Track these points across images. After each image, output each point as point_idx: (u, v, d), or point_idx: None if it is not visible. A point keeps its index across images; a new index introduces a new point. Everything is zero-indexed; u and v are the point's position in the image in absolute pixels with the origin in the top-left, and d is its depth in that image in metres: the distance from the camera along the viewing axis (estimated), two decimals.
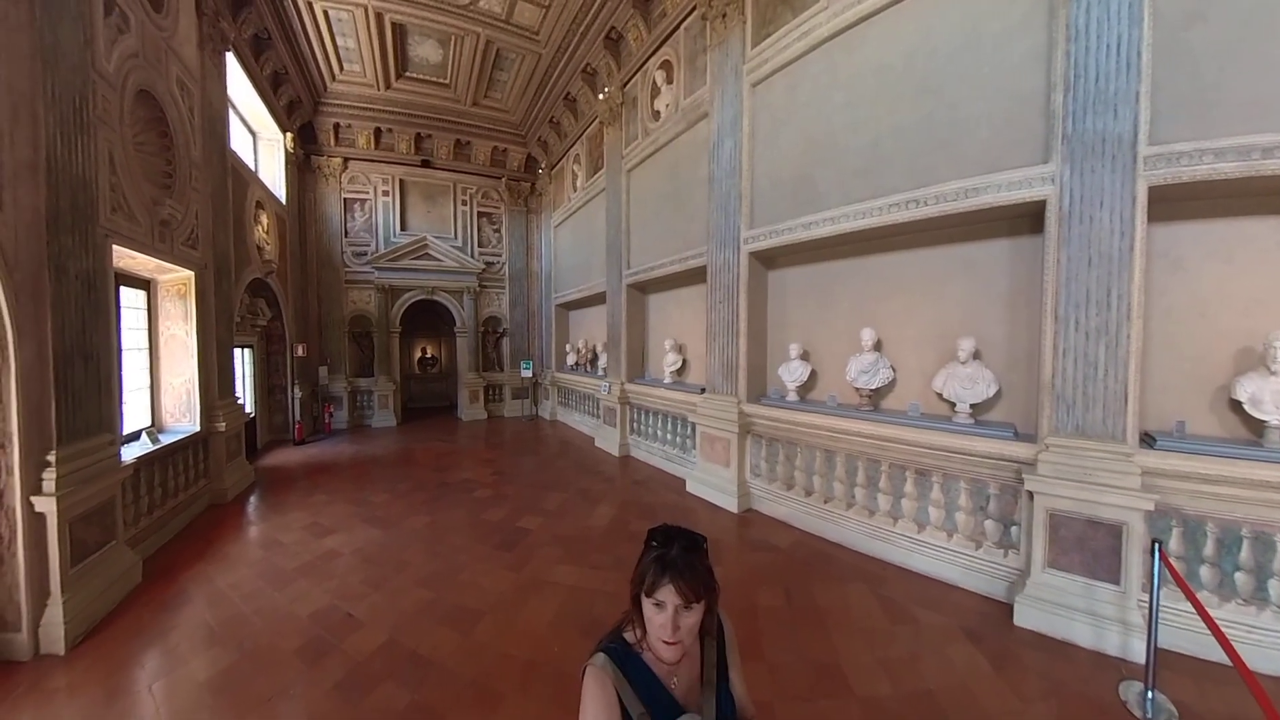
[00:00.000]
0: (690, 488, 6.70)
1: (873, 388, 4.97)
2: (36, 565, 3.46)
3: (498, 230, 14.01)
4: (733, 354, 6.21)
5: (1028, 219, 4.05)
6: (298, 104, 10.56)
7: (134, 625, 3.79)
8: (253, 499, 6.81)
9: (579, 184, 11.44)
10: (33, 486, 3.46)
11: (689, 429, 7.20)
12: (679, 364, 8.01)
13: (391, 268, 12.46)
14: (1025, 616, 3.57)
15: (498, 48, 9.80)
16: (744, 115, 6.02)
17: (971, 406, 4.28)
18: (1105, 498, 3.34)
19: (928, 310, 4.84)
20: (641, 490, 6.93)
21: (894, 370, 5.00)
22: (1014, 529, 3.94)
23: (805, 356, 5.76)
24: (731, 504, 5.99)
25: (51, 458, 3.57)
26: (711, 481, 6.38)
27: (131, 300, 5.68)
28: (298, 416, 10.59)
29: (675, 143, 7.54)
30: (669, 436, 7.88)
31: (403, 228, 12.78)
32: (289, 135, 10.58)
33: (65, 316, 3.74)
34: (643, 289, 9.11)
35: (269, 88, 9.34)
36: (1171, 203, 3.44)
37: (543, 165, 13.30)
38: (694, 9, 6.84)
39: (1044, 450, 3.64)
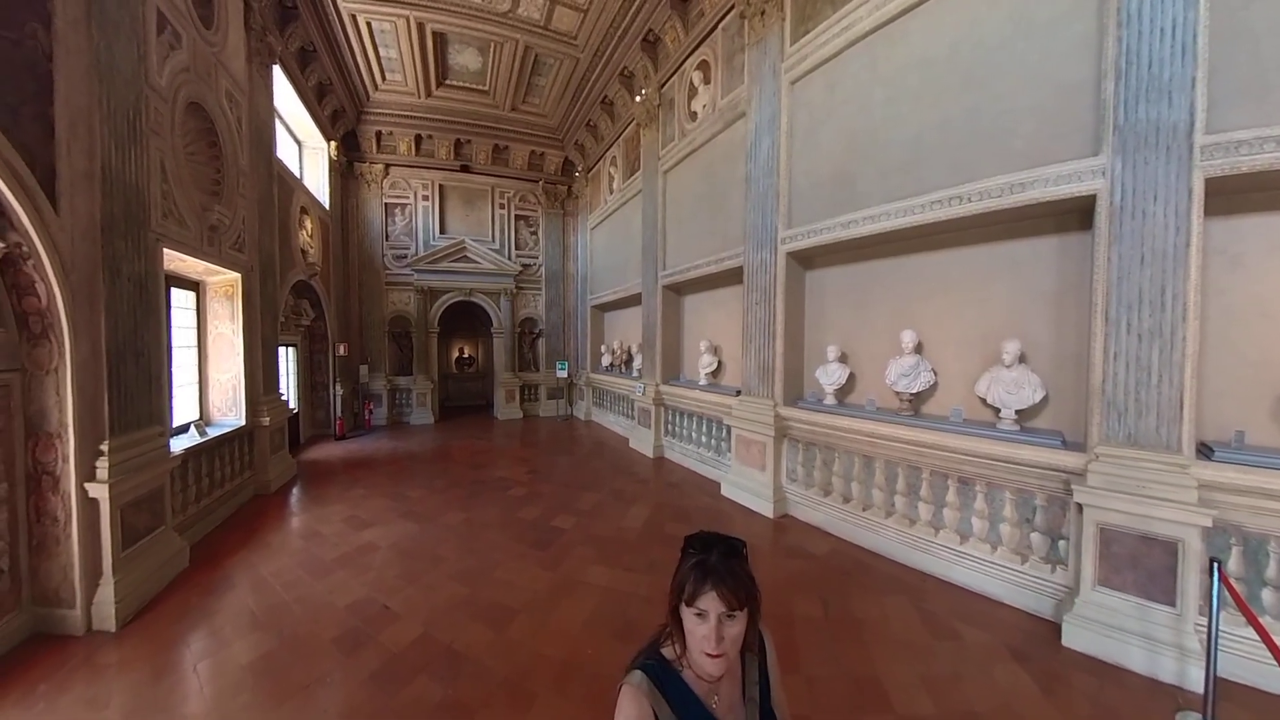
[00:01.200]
0: (725, 491, 6.64)
1: (913, 392, 4.82)
2: (90, 547, 3.70)
3: (534, 233, 14.24)
4: (769, 356, 6.12)
5: (1076, 215, 3.86)
6: (341, 113, 10.98)
7: (181, 607, 4.00)
8: (295, 491, 7.11)
9: (615, 186, 11.53)
10: (87, 474, 3.70)
11: (724, 432, 7.15)
12: (714, 366, 7.95)
13: (430, 270, 12.82)
14: (1074, 637, 3.37)
15: (536, 53, 9.97)
16: (782, 113, 5.95)
17: (1017, 412, 4.08)
18: (1159, 512, 3.12)
19: (971, 311, 4.65)
20: (675, 492, 6.89)
21: (935, 374, 4.82)
22: (1062, 543, 3.73)
23: (843, 359, 5.64)
24: (767, 509, 5.90)
25: (104, 447, 3.80)
26: (747, 485, 6.30)
27: (181, 301, 6.02)
28: (339, 413, 11.00)
29: (712, 143, 7.52)
30: (704, 439, 7.83)
31: (442, 231, 13.14)
32: (333, 144, 11.02)
33: (118, 316, 3.99)
34: (678, 290, 9.09)
35: (314, 98, 9.75)
36: (1230, 195, 3.20)
37: (579, 168, 13.46)
38: (732, 8, 6.81)
39: (1094, 460, 3.43)
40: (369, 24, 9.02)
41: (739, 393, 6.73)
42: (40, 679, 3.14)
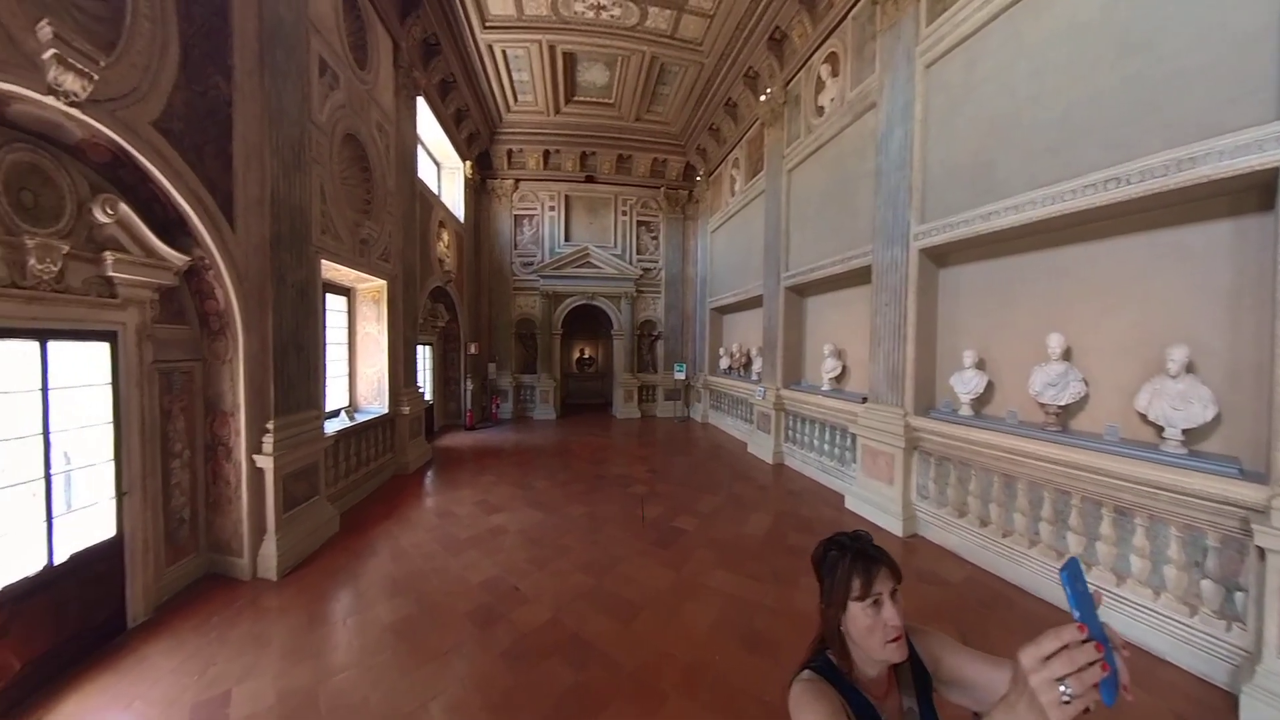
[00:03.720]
0: (849, 504, 6.28)
1: (1061, 404, 4.20)
2: (256, 508, 4.45)
3: (655, 237, 14.56)
4: (899, 361, 5.73)
5: (1256, 192, 3.19)
6: (476, 135, 12.10)
7: (331, 566, 4.64)
8: (430, 473, 7.93)
9: (737, 188, 11.48)
10: (255, 447, 4.46)
11: (848, 440, 6.80)
12: (838, 370, 7.59)
13: (555, 275, 13.65)
14: (1255, 713, 2.70)
15: (662, 63, 10.21)
16: (916, 100, 5.57)
17: (1183, 432, 3.39)
18: None
19: (1128, 311, 3.98)
20: (797, 502, 6.64)
21: (1086, 384, 4.16)
22: (1239, 595, 3.02)
23: (980, 365, 5.10)
24: (895, 526, 5.50)
25: (270, 426, 4.55)
26: (873, 500, 5.92)
27: (335, 304, 7.04)
28: (469, 405, 12.12)
29: (839, 138, 7.23)
30: (826, 447, 7.49)
31: (566, 239, 13.94)
32: (468, 163, 12.17)
33: (282, 316, 4.75)
34: (801, 292, 8.82)
35: (452, 124, 10.85)
36: None
37: (700, 172, 13.53)
38: None
39: (1279, 496, 2.75)
40: (504, 51, 9.84)
41: (865, 400, 6.39)
42: (213, 612, 3.84)
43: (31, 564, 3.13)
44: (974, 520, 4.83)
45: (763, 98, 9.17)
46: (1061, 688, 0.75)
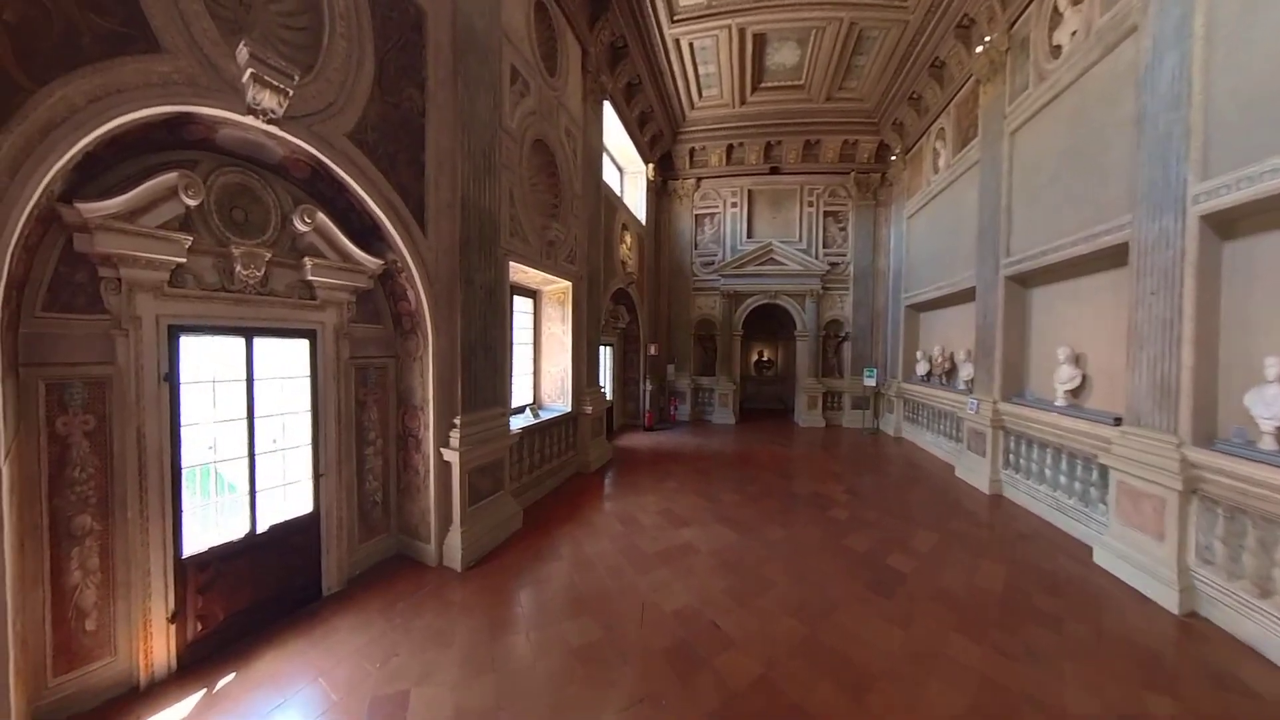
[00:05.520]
0: (1099, 558, 4.87)
1: None
2: (443, 498, 4.65)
3: (843, 228, 13.25)
4: (1170, 370, 4.40)
5: None
6: (659, 137, 12.11)
7: (514, 564, 4.67)
8: (610, 473, 7.94)
9: (940, 163, 10.04)
10: (442, 440, 4.66)
11: (1093, 474, 5.40)
12: (1076, 381, 6.03)
13: (736, 275, 13.12)
14: None
15: (860, 29, 9.27)
16: (1196, 12, 4.25)
17: None
18: None
19: None
20: (1029, 548, 5.30)
21: None
22: None
23: None
24: (1168, 599, 4.10)
25: (457, 421, 4.73)
26: (1133, 557, 4.52)
27: (521, 306, 7.33)
28: (647, 406, 12.18)
29: (1082, 81, 5.81)
30: (1062, 479, 5.97)
31: (748, 235, 13.33)
32: (650, 166, 12.26)
33: (471, 317, 4.93)
34: (1024, 282, 7.23)
35: (636, 127, 10.96)
36: None
37: (895, 151, 12.03)
38: None
39: None
40: (690, 44, 9.65)
41: (1118, 421, 5.08)
42: (399, 596, 4.03)
43: (237, 530, 3.57)
44: None
45: (979, 49, 7.76)
46: None
